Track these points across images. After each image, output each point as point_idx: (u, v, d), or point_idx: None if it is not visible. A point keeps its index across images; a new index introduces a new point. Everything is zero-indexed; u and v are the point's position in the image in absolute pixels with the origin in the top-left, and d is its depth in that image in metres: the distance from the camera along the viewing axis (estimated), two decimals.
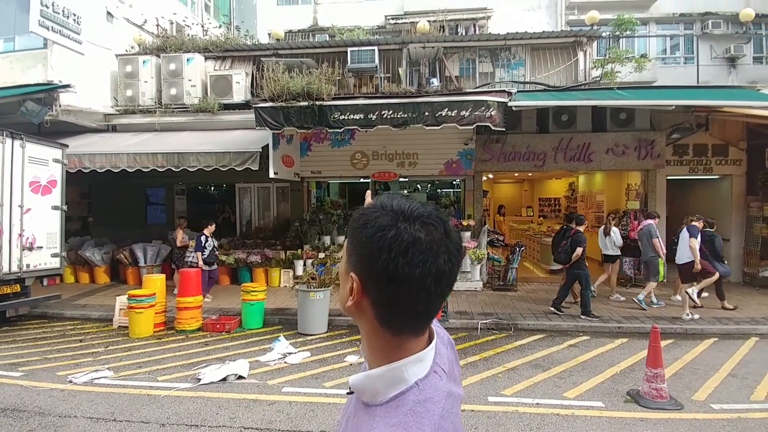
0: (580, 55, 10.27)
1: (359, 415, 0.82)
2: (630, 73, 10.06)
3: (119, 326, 7.45)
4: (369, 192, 1.55)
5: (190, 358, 5.98)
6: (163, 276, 7.89)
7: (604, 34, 11.05)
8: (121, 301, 7.50)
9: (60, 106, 9.27)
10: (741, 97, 8.40)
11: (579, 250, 7.54)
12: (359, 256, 0.80)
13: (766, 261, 9.51)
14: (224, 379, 5.19)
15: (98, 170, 8.88)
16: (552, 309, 7.84)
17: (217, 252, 9.13)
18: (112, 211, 11.54)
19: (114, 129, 10.57)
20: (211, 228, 8.83)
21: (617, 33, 10.97)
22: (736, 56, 14.76)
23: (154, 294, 7.13)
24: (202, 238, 8.63)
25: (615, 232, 8.74)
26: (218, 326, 7.18)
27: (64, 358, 6.06)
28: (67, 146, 8.25)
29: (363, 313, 0.82)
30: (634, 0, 15.13)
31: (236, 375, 5.28)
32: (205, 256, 8.60)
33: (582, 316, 7.52)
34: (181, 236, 9.58)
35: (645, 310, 7.95)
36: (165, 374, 5.43)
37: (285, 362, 5.83)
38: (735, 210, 10.22)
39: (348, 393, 0.88)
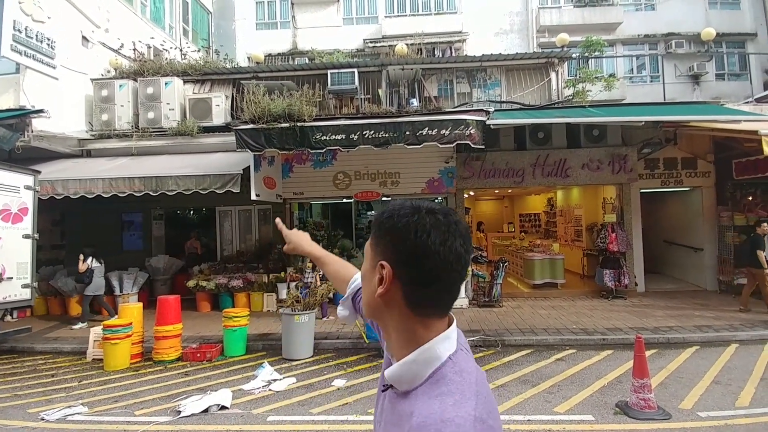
0: (553, 75, 10.65)
1: (398, 406, 0.86)
2: (600, 92, 10.47)
3: (93, 359, 7.12)
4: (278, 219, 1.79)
5: (170, 390, 5.74)
6: (140, 305, 7.63)
7: (574, 56, 11.49)
8: (96, 332, 7.18)
9: (32, 131, 9.01)
10: (706, 112, 8.76)
11: None
12: (387, 244, 0.90)
13: (740, 269, 9.78)
14: (206, 411, 4.98)
15: (72, 196, 8.62)
16: None
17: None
18: (86, 239, 11.15)
19: (89, 154, 10.33)
20: None
21: (586, 54, 11.45)
22: (699, 74, 15.51)
23: (131, 324, 6.86)
24: None
25: None
26: (199, 355, 6.94)
27: (35, 394, 5.77)
28: (39, 172, 8.00)
29: (391, 301, 0.89)
30: (600, 23, 15.87)
31: (219, 405, 5.08)
32: (321, 274, 8.87)
33: None
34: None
35: None
36: (143, 408, 5.19)
37: (270, 390, 5.65)
38: (706, 220, 10.57)
39: (383, 390, 0.93)
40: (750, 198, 10.19)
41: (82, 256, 8.89)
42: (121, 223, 11.66)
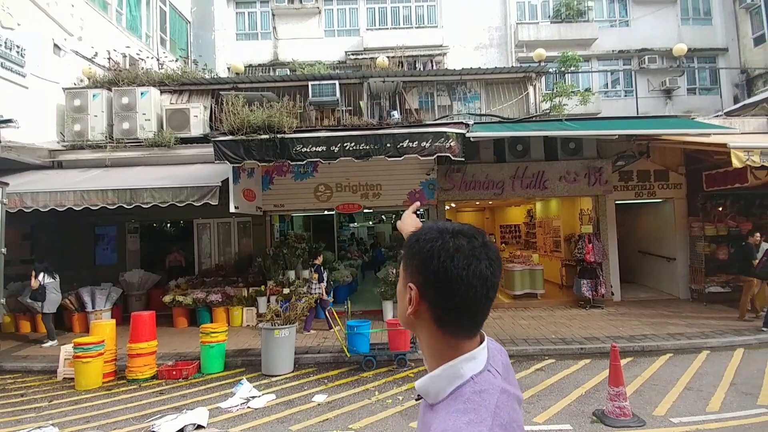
0: (530, 89, 10.89)
1: (426, 416, 0.91)
2: (576, 106, 10.76)
3: (64, 378, 6.90)
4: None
5: (144, 410, 5.56)
6: (113, 321, 7.41)
7: (551, 70, 11.79)
8: (67, 350, 6.95)
9: (0, 142, 8.72)
10: (677, 126, 9.09)
11: None
12: (414, 268, 0.94)
13: (711, 277, 10.09)
14: (181, 430, 4.84)
15: (41, 209, 8.34)
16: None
17: (332, 282, 9.79)
18: (57, 253, 10.77)
19: (60, 165, 10.03)
20: (321, 258, 9.34)
21: (563, 69, 11.77)
22: (671, 88, 16.11)
23: (103, 341, 6.66)
24: (321, 269, 9.02)
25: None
26: (174, 372, 6.75)
27: (4, 414, 5.58)
28: (7, 185, 7.73)
29: (422, 319, 0.94)
30: (576, 39, 16.36)
31: (194, 425, 4.94)
32: (325, 285, 8.96)
33: (764, 328, 7.74)
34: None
35: None
36: (115, 428, 5.03)
37: (248, 407, 5.53)
38: (679, 230, 10.88)
39: (416, 399, 0.99)
40: (720, 209, 10.54)
41: (33, 272, 8.54)
42: (93, 237, 11.30)
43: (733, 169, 8.26)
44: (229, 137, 7.69)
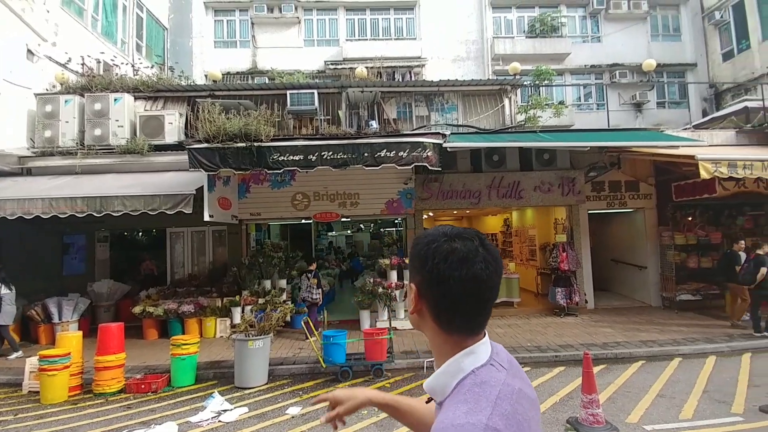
0: (506, 101, 11.13)
1: (436, 415, 0.92)
2: (550, 118, 11.03)
3: (29, 391, 6.66)
4: None
5: (111, 424, 5.37)
6: (80, 333, 7.15)
7: (526, 83, 12.07)
8: (32, 362, 6.70)
9: None
10: (647, 138, 9.39)
11: (764, 270, 8.02)
12: (413, 268, 1.00)
13: (681, 285, 10.37)
14: None
15: (9, 217, 8.04)
16: (758, 334, 8.04)
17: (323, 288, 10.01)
18: (23, 262, 10.38)
19: (29, 172, 9.70)
20: (315, 265, 9.62)
21: (537, 82, 12.07)
22: (641, 102, 16.67)
23: (69, 354, 6.42)
24: (318, 274, 9.30)
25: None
26: (143, 386, 6.53)
27: None
28: None
29: (424, 318, 0.99)
30: (550, 53, 16.82)
31: None
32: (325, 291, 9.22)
33: (756, 333, 8.04)
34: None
35: None
36: None
37: (219, 421, 5.39)
38: (649, 240, 11.18)
39: (427, 402, 1.03)
40: (689, 218, 10.88)
41: None
42: (61, 246, 10.91)
43: (701, 180, 8.51)
44: (205, 145, 7.59)
